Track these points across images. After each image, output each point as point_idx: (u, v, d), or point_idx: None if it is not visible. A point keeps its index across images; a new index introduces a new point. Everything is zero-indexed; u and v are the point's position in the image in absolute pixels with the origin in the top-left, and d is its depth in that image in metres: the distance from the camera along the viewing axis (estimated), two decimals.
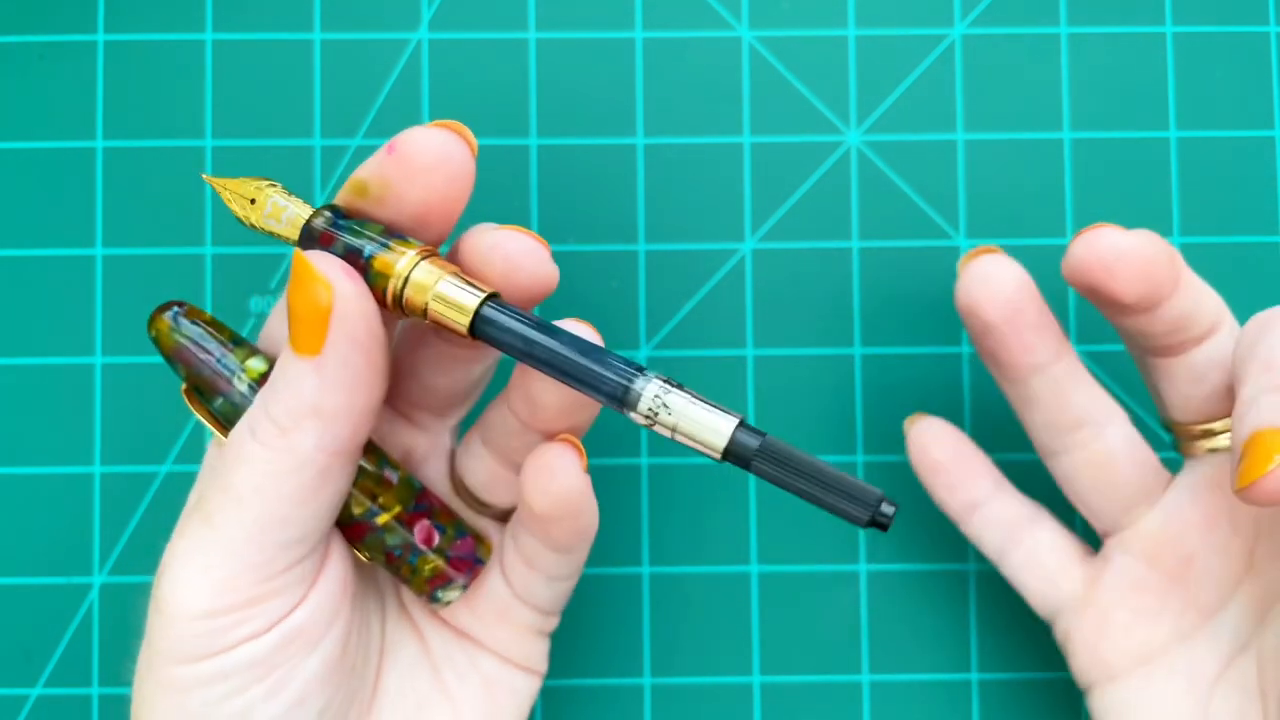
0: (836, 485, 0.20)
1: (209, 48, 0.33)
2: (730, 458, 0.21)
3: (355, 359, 0.21)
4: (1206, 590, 0.26)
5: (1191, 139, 0.33)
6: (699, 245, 0.33)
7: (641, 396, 0.21)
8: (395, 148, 0.22)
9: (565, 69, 0.33)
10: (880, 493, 0.20)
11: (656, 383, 0.21)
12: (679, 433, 0.21)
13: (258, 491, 0.21)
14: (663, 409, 0.21)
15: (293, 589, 0.22)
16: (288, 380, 0.21)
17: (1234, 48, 0.33)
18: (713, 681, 0.32)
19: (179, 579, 0.22)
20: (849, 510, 0.20)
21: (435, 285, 0.22)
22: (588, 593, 0.32)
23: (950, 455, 0.29)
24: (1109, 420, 0.27)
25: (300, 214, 0.23)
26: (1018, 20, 0.33)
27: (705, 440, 0.21)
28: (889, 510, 0.20)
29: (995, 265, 0.26)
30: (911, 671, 0.32)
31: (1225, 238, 0.33)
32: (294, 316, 0.21)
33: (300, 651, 0.22)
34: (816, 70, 0.33)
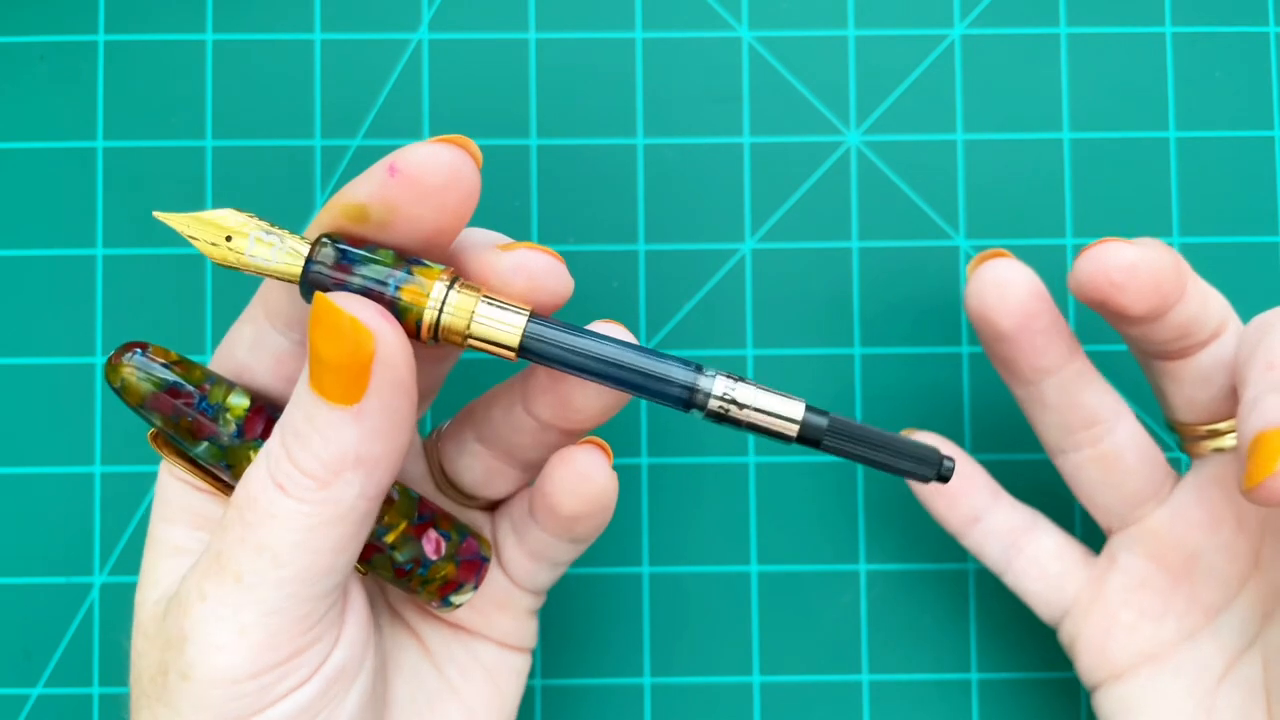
0: (902, 451, 0.22)
1: (209, 48, 0.33)
2: (802, 439, 0.22)
3: (398, 404, 0.21)
4: (1211, 589, 0.26)
5: (1191, 139, 0.33)
6: (699, 245, 0.33)
7: (711, 394, 0.22)
8: (400, 169, 0.21)
9: (565, 69, 0.33)
10: (939, 452, 0.22)
11: (722, 378, 0.22)
12: (754, 422, 0.22)
13: (297, 547, 0.20)
14: (732, 404, 0.22)
15: (330, 632, 0.22)
16: (320, 430, 0.20)
17: (1233, 48, 0.33)
18: (712, 681, 0.32)
19: (212, 645, 0.21)
20: (917, 471, 0.22)
21: (475, 310, 0.21)
22: (588, 592, 0.32)
23: None
24: (1118, 418, 0.27)
25: (298, 249, 0.21)
26: (1017, 20, 0.33)
27: (778, 426, 0.22)
28: (950, 465, 0.22)
29: (1007, 271, 0.26)
30: (911, 671, 0.32)
31: (1225, 238, 0.33)
32: (326, 365, 0.20)
33: (341, 691, 0.22)
34: (816, 70, 0.33)
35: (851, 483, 0.32)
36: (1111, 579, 0.27)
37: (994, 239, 0.33)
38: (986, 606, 0.32)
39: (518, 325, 0.21)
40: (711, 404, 0.22)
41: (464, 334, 0.21)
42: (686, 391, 0.22)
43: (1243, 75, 0.33)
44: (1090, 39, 0.33)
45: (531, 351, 0.22)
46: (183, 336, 0.32)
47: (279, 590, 0.21)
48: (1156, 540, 0.27)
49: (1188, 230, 0.33)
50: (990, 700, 0.32)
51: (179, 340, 0.32)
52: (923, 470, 0.22)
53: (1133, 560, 0.27)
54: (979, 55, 0.33)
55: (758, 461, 0.32)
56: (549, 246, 0.23)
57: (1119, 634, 0.27)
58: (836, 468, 0.32)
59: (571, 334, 0.22)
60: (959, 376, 0.33)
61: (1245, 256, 0.33)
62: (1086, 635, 0.28)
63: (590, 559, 0.32)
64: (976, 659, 0.32)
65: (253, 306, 0.23)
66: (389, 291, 0.21)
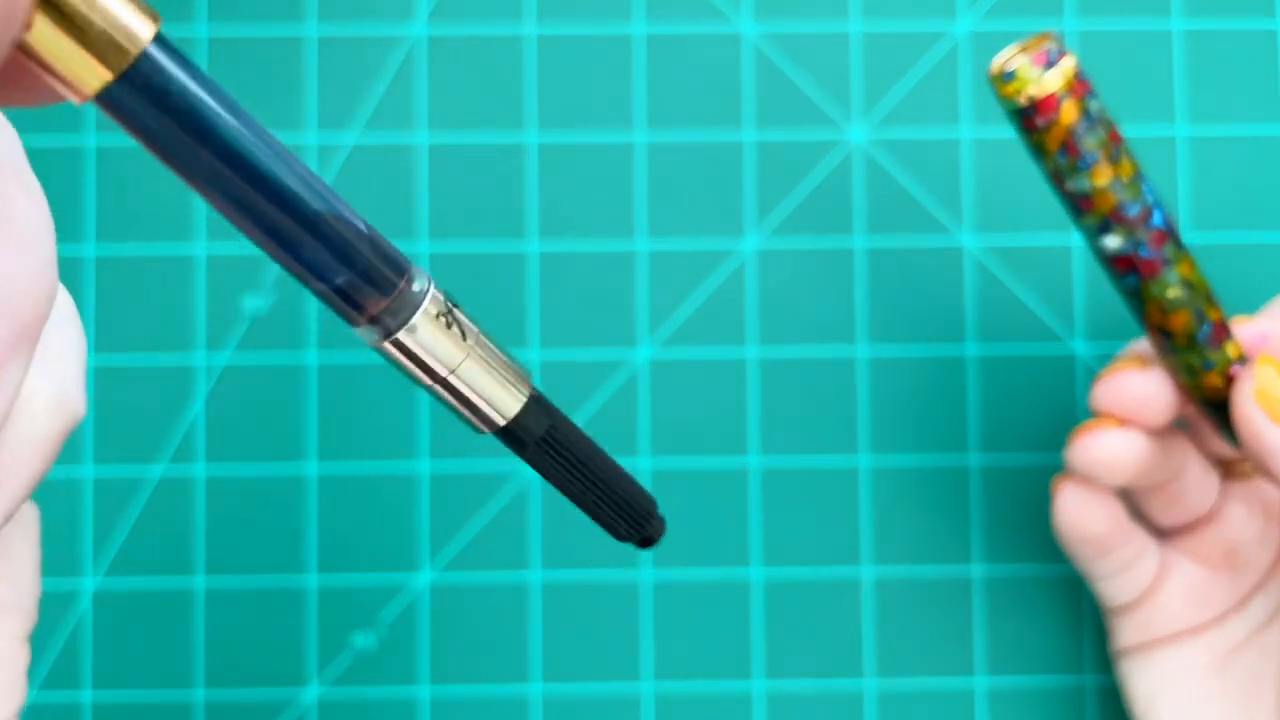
0: (616, 493, 0.17)
1: (204, 44, 0.32)
2: (505, 434, 0.15)
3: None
4: (1248, 576, 0.28)
5: (1200, 136, 0.32)
6: (700, 243, 0.32)
7: (419, 311, 0.13)
8: None
9: (565, 64, 0.32)
10: (653, 512, 0.18)
11: (438, 295, 0.14)
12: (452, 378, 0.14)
13: None
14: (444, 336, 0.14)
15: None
16: None
17: (1243, 44, 0.33)
18: (714, 687, 0.32)
19: None
20: (618, 527, 0.17)
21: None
22: (588, 598, 0.32)
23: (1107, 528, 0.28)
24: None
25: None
26: (1024, 16, 0.33)
27: (489, 403, 0.15)
28: (660, 531, 0.18)
29: (1084, 506, 0.27)
30: (915, 676, 0.32)
31: (1235, 235, 0.32)
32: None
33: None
34: (819, 66, 0.33)
35: (854, 486, 0.32)
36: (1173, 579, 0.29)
37: (999, 236, 0.32)
38: (991, 612, 0.32)
39: (134, 38, 0.11)
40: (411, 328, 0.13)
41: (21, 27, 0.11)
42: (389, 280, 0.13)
43: (1251, 72, 0.33)
44: (1097, 35, 0.33)
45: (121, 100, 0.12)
46: (173, 335, 0.32)
47: None
48: (1205, 541, 0.29)
49: (1197, 227, 0.32)
50: (994, 706, 0.32)
51: (170, 340, 0.32)
52: (629, 529, 0.17)
53: (1180, 559, 0.29)
54: (985, 50, 0.33)
55: (759, 464, 0.32)
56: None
57: (1161, 620, 0.28)
58: (839, 470, 0.32)
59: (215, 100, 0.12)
60: (962, 376, 0.32)
61: (1255, 255, 0.32)
62: (1130, 616, 0.29)
63: (589, 563, 0.32)
64: (981, 665, 0.32)
65: None
66: None
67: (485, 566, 0.32)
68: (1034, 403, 0.32)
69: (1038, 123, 0.22)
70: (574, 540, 0.32)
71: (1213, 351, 0.25)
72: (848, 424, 0.32)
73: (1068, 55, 0.22)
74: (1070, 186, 0.23)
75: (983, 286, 0.32)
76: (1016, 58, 0.22)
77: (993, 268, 0.32)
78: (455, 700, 0.32)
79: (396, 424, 0.32)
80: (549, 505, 0.32)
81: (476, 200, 0.32)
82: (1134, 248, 0.24)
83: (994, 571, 0.32)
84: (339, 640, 0.32)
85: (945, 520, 0.31)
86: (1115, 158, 0.23)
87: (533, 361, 0.32)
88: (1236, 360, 0.25)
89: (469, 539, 0.32)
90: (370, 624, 0.32)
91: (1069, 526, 0.28)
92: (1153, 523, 0.29)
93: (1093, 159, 0.23)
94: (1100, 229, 0.24)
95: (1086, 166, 0.23)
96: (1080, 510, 0.27)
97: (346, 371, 0.32)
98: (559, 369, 0.32)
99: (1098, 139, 0.22)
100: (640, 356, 0.32)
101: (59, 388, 0.16)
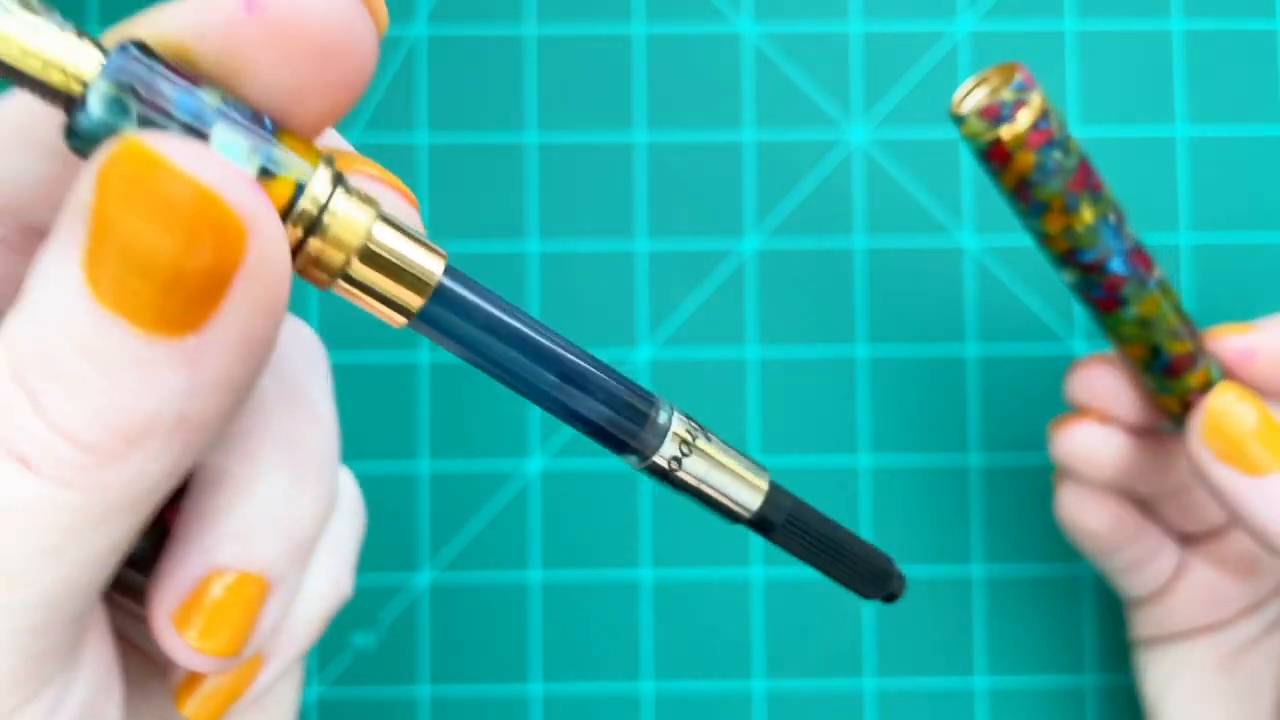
0: (857, 564, 0.18)
1: None
2: (753, 522, 0.17)
3: (264, 337, 0.13)
4: (1266, 583, 0.28)
5: (1200, 136, 0.32)
6: (700, 243, 0.32)
7: (667, 437, 0.16)
8: (264, 6, 0.13)
9: (565, 64, 0.32)
10: (894, 568, 0.19)
11: (680, 417, 0.16)
12: (703, 486, 0.16)
13: (48, 556, 0.13)
14: (692, 455, 0.16)
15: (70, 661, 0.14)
16: (115, 372, 0.12)
17: (1243, 44, 0.33)
18: (714, 687, 0.32)
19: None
20: (867, 591, 0.19)
21: (371, 231, 0.13)
22: (588, 597, 0.32)
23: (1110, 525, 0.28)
24: None
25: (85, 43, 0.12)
26: (1024, 16, 0.33)
27: (734, 498, 0.17)
28: (902, 585, 0.19)
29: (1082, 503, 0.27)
30: (915, 676, 0.32)
31: (1235, 235, 0.32)
32: (141, 268, 0.12)
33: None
34: (820, 66, 0.33)
35: (854, 487, 0.32)
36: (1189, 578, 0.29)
37: (1000, 236, 0.32)
38: (990, 612, 0.32)
39: (429, 275, 0.14)
40: (665, 452, 0.16)
41: (340, 267, 0.13)
42: (631, 425, 0.16)
43: (1251, 72, 0.33)
44: (1098, 35, 0.33)
45: (433, 320, 0.14)
46: None
47: (10, 623, 0.13)
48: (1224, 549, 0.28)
49: (1196, 227, 0.32)
50: (996, 707, 0.32)
51: None
52: (872, 589, 0.18)
53: (1200, 562, 0.29)
54: (985, 51, 0.32)
55: None
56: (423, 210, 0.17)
57: (1176, 617, 0.29)
58: (839, 471, 0.32)
59: (498, 308, 0.14)
60: (962, 376, 0.32)
61: (1255, 255, 0.32)
62: (1146, 610, 0.29)
63: (590, 562, 0.32)
64: (980, 664, 0.32)
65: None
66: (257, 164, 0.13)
67: (485, 566, 0.32)
68: (1033, 402, 0.32)
69: (990, 166, 0.21)
70: (573, 540, 0.32)
71: (1169, 381, 0.25)
72: (848, 424, 0.32)
73: (1024, 107, 0.21)
74: (1025, 223, 0.23)
75: (982, 286, 0.32)
76: (972, 96, 0.21)
77: (992, 268, 0.32)
78: (455, 700, 0.32)
79: (397, 424, 0.32)
80: (549, 504, 0.32)
81: (477, 200, 0.32)
82: (1087, 288, 0.23)
83: (994, 571, 0.32)
84: (339, 640, 0.32)
85: (945, 520, 0.31)
86: (1071, 207, 0.22)
87: None
88: (1199, 389, 0.25)
89: (469, 539, 0.32)
90: (370, 624, 0.32)
91: (1068, 523, 0.28)
92: (1171, 528, 0.29)
93: (1043, 208, 0.22)
94: (1056, 264, 0.24)
95: (1037, 213, 0.22)
96: (1078, 508, 0.28)
97: (347, 372, 0.32)
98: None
99: (1051, 189, 0.21)
100: (641, 356, 0.32)
101: (334, 576, 0.18)
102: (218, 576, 0.16)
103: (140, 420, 0.12)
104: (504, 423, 0.32)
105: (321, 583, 0.18)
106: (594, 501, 0.32)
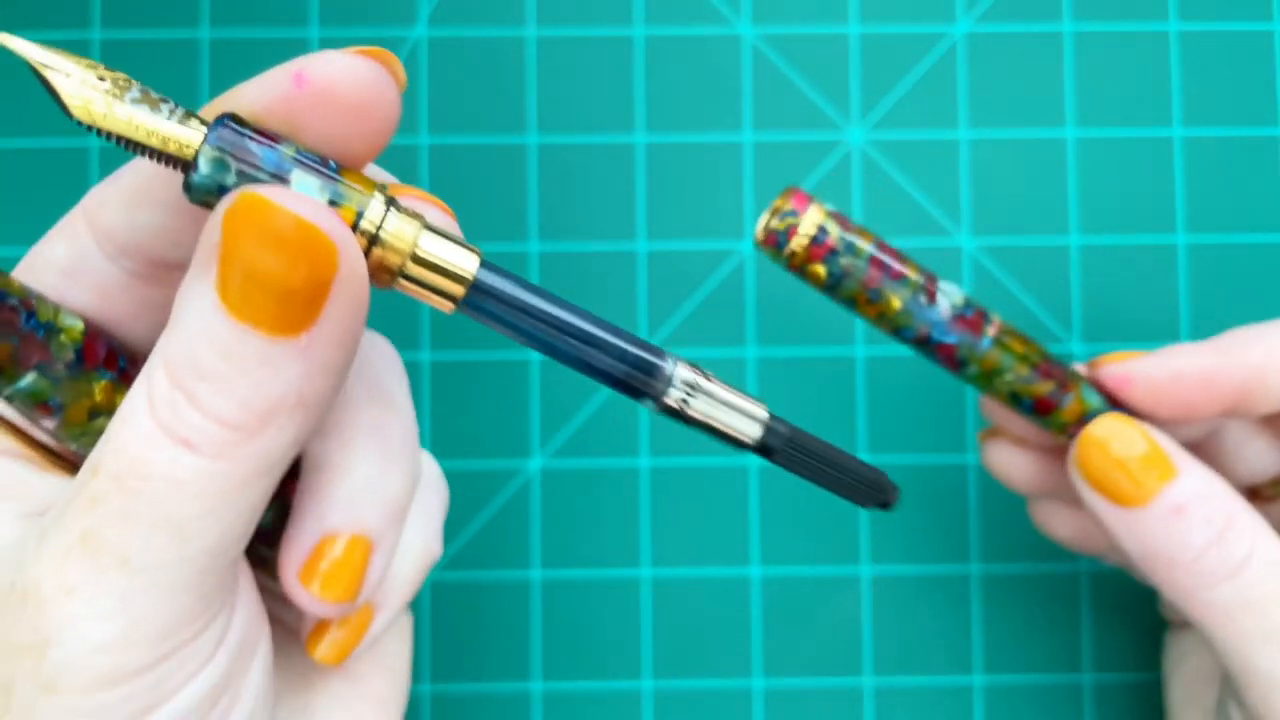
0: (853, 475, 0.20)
1: (205, 46, 0.32)
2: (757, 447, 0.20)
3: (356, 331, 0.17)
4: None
5: (1196, 137, 0.33)
6: (700, 244, 0.32)
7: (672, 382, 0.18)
8: (309, 79, 0.17)
9: (565, 66, 0.33)
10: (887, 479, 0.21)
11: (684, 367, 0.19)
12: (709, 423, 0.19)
13: (210, 515, 0.17)
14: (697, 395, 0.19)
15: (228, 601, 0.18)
16: (249, 368, 0.16)
17: (1239, 45, 0.33)
18: (713, 685, 0.32)
19: (89, 644, 0.16)
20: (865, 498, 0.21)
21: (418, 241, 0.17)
22: (588, 595, 0.32)
23: None
24: None
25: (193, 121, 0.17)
26: (1022, 18, 0.33)
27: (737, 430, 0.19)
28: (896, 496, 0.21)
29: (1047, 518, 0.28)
30: (914, 674, 0.32)
31: (1230, 236, 0.32)
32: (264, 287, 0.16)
33: (243, 667, 0.19)
34: (819, 67, 0.33)
35: None
36: None
37: (997, 237, 0.32)
38: (989, 609, 0.32)
39: (467, 269, 0.17)
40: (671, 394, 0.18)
41: (398, 269, 0.17)
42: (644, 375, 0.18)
43: (1248, 73, 0.33)
44: (1095, 36, 0.33)
45: (475, 304, 0.18)
46: None
47: (183, 568, 0.17)
48: None
49: (1193, 229, 0.32)
50: (993, 704, 0.32)
51: None
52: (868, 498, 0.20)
53: None
54: (983, 52, 0.33)
55: (759, 464, 0.32)
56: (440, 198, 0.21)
57: None
58: None
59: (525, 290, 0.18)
60: None
61: (1251, 255, 0.32)
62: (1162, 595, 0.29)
63: (590, 561, 0.32)
64: (979, 662, 0.32)
65: (72, 221, 0.19)
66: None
67: (486, 564, 0.32)
68: None
69: (798, 276, 0.23)
70: (574, 538, 0.32)
71: (1041, 419, 0.25)
72: (847, 423, 0.32)
73: (795, 232, 0.22)
74: (850, 312, 0.24)
75: (981, 287, 0.32)
76: (764, 225, 0.22)
77: (990, 268, 0.32)
78: (455, 698, 0.32)
79: None
80: (549, 503, 0.32)
81: (477, 201, 0.32)
82: (926, 355, 0.24)
83: (992, 570, 0.32)
84: None
85: (943, 518, 0.31)
86: (874, 299, 0.23)
87: (534, 361, 0.32)
88: (1074, 422, 0.25)
89: (469, 538, 0.32)
90: None
91: (1041, 530, 0.29)
92: None
93: (852, 302, 0.23)
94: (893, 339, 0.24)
95: (851, 306, 0.23)
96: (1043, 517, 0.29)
97: None
98: (561, 368, 0.32)
99: (850, 289, 0.23)
100: None
101: (424, 539, 0.23)
102: (332, 539, 0.20)
103: (271, 402, 0.16)
104: (505, 422, 0.32)
105: (415, 544, 0.22)
106: (594, 500, 0.32)
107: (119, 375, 0.19)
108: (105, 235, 0.19)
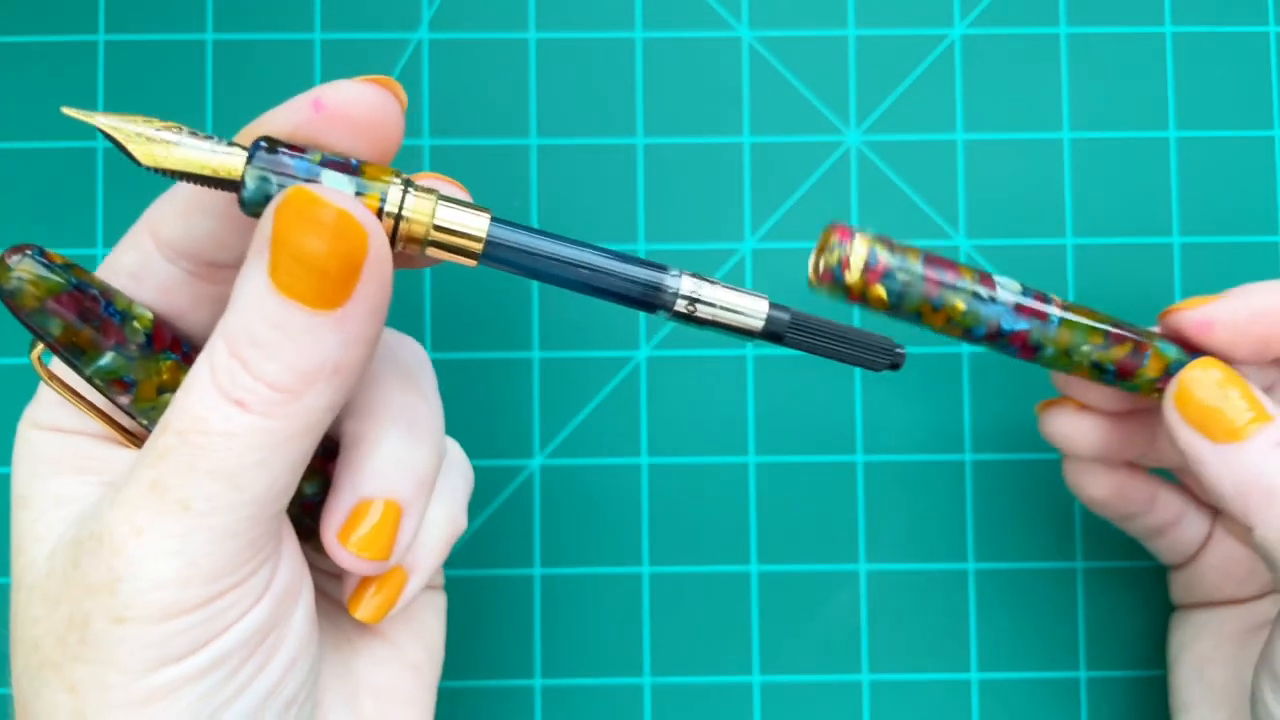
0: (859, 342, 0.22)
1: (209, 48, 0.33)
2: (767, 334, 0.22)
3: (384, 305, 0.20)
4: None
5: (1191, 139, 0.33)
6: (699, 245, 0.33)
7: (678, 292, 0.21)
8: (326, 105, 0.21)
9: (565, 69, 0.33)
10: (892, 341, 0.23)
11: (688, 277, 0.22)
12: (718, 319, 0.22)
13: (260, 466, 0.19)
14: (698, 302, 0.21)
15: (275, 549, 0.21)
16: (295, 338, 0.19)
17: (1233, 48, 0.33)
18: (712, 681, 0.32)
19: (155, 579, 0.19)
20: (874, 360, 0.23)
21: (435, 212, 0.21)
22: (588, 592, 0.32)
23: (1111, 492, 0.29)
24: None
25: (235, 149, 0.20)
26: (1018, 20, 0.33)
27: (743, 322, 0.22)
28: (902, 353, 0.23)
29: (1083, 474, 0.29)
30: (911, 671, 0.32)
31: (1225, 238, 0.33)
32: (306, 267, 0.19)
33: (288, 609, 0.21)
34: (816, 70, 0.33)
35: (851, 481, 0.32)
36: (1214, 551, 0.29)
37: (994, 239, 0.33)
38: (986, 605, 0.32)
39: (480, 228, 0.21)
40: (679, 303, 0.21)
41: (424, 239, 0.21)
42: (653, 290, 0.21)
43: (1242, 75, 0.33)
44: (1090, 39, 0.33)
45: (494, 256, 0.21)
46: None
47: (236, 514, 0.19)
48: None
49: (1188, 230, 0.33)
50: (990, 699, 0.32)
51: None
52: (879, 359, 0.23)
53: (1228, 539, 0.29)
54: (979, 55, 0.33)
55: (758, 461, 0.32)
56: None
57: (1200, 587, 0.30)
58: (836, 467, 0.32)
59: (534, 236, 0.21)
60: (959, 376, 0.33)
61: (1245, 256, 0.33)
62: (1176, 576, 0.30)
63: (590, 558, 0.32)
64: (976, 658, 0.32)
65: (137, 233, 0.22)
66: None
67: (487, 562, 0.32)
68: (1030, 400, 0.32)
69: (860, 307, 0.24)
70: (574, 536, 0.32)
71: (1125, 382, 0.25)
72: (846, 422, 0.32)
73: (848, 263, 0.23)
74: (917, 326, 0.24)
75: None
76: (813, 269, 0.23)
77: (988, 269, 0.33)
78: (456, 695, 0.32)
79: None
80: (548, 501, 0.32)
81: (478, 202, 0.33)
82: (1001, 351, 0.25)
83: (989, 567, 0.32)
84: None
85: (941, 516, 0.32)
86: (939, 305, 0.24)
87: (535, 360, 0.32)
88: (1158, 377, 0.25)
89: (470, 535, 0.32)
90: None
91: (1073, 491, 0.29)
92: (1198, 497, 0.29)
93: (918, 315, 0.24)
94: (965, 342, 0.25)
95: (918, 320, 0.24)
96: (1078, 478, 0.29)
97: None
98: (561, 367, 0.32)
99: (913, 302, 0.24)
100: (641, 356, 0.33)
101: (450, 512, 0.25)
102: (366, 504, 0.22)
103: (312, 367, 0.19)
104: (505, 420, 0.32)
105: (441, 516, 0.25)
106: (594, 497, 0.32)
107: (182, 357, 0.22)
108: (165, 243, 0.22)
